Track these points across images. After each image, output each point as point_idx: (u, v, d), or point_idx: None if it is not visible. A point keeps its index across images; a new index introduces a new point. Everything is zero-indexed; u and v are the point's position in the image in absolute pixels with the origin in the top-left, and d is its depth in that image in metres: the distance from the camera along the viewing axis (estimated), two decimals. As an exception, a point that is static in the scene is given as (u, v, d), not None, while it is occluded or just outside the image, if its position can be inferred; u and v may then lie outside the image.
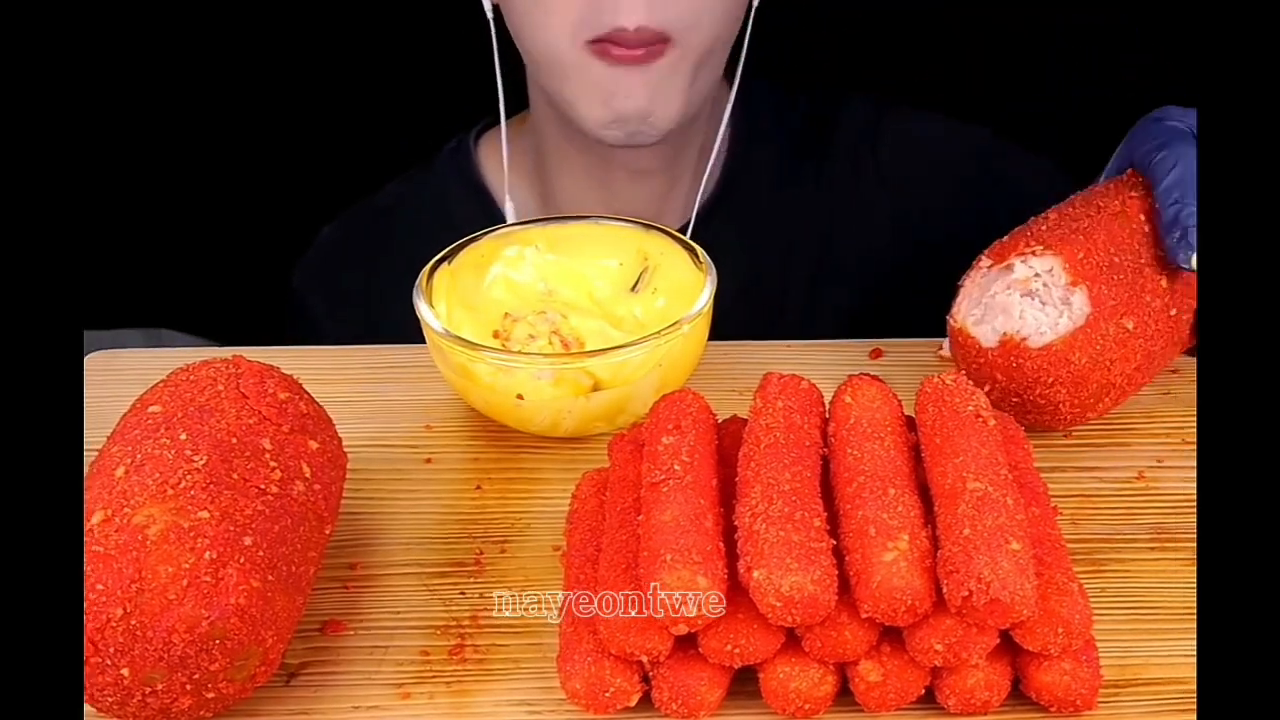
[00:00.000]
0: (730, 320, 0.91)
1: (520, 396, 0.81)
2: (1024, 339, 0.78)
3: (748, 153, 1.17)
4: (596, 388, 0.81)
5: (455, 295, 0.87)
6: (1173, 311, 0.81)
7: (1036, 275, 0.79)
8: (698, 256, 0.87)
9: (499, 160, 1.16)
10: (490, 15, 1.06)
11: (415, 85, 1.64)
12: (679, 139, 1.09)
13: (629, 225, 0.91)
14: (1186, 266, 0.79)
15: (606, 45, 0.97)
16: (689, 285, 0.86)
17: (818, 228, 1.17)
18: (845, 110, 1.19)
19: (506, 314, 0.88)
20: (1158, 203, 0.81)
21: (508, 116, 1.09)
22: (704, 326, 0.84)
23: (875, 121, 1.19)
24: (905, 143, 1.19)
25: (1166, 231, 0.80)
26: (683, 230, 1.10)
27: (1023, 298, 0.79)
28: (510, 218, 1.09)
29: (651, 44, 0.97)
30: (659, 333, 0.81)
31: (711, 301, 0.84)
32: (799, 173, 1.18)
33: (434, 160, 1.23)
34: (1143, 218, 0.82)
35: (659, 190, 1.14)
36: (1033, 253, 0.79)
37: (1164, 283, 0.81)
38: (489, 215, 1.17)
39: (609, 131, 1.02)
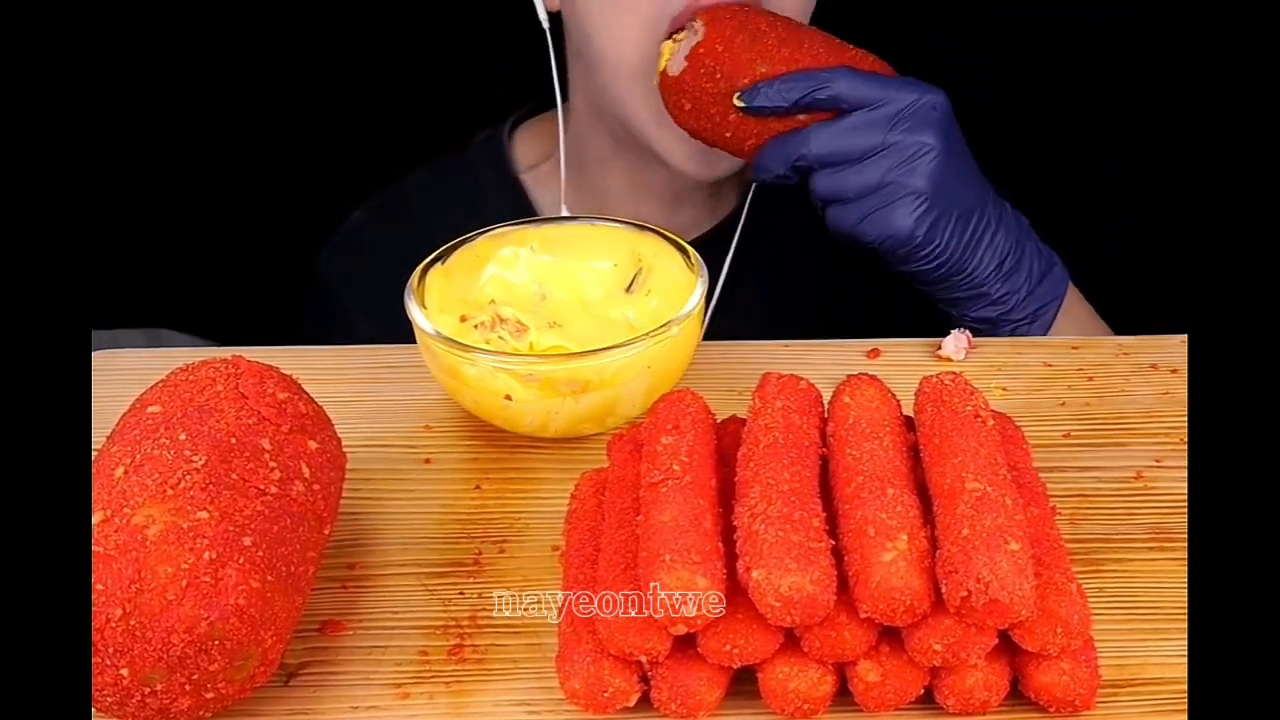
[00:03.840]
0: (785, 311, 0.89)
1: (508, 397, 0.81)
2: None
3: None
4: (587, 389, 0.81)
5: (448, 296, 0.87)
6: None
7: None
8: (690, 258, 0.87)
9: (533, 153, 1.16)
10: (546, 24, 1.05)
11: (425, 81, 1.64)
12: None
13: (623, 226, 0.91)
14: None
15: None
16: (682, 286, 0.86)
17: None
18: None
19: (464, 317, 0.87)
20: None
21: (543, 110, 1.09)
22: (695, 327, 0.84)
23: None
24: None
25: None
26: (736, 214, 1.11)
27: None
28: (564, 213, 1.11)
29: None
30: (648, 334, 0.81)
31: (702, 303, 0.84)
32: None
33: (465, 151, 1.23)
34: None
35: (704, 194, 1.14)
36: None
37: None
38: (519, 208, 1.17)
39: (693, 166, 1.04)
